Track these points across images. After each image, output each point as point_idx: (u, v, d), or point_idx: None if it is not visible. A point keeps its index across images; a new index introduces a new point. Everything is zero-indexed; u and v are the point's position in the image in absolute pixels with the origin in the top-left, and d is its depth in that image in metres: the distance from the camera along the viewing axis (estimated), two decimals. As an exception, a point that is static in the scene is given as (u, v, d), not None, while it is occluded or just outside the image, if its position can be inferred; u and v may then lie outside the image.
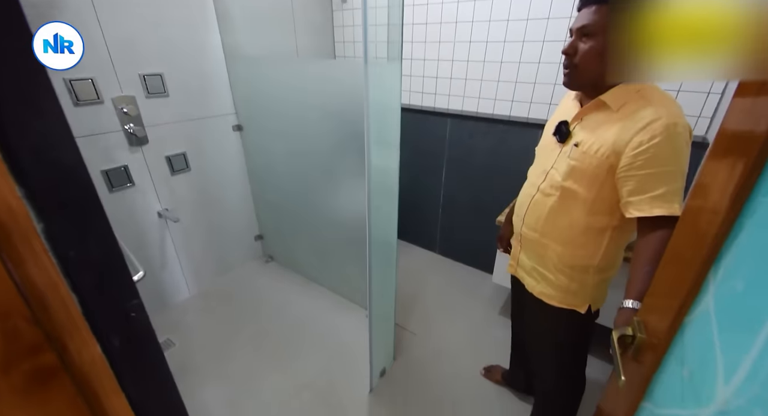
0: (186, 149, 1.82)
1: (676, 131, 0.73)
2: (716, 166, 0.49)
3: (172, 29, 1.61)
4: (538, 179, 0.96)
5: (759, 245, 0.38)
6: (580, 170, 0.84)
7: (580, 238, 0.89)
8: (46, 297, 0.29)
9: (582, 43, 0.79)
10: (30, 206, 0.27)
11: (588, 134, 0.83)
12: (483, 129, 1.96)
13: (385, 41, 1.38)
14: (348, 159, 1.64)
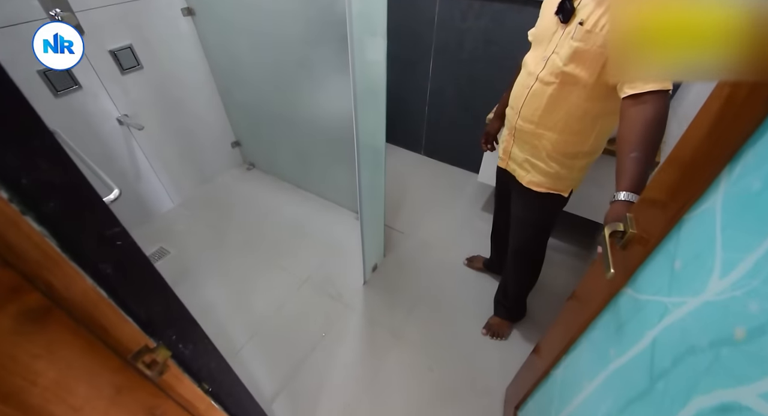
0: (131, 40, 1.54)
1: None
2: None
3: None
4: (536, 67, 0.91)
5: None
6: (583, 52, 0.79)
7: (576, 125, 0.90)
8: (6, 236, 0.24)
9: None
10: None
11: (593, 12, 0.76)
12: (476, 9, 1.71)
13: None
14: (327, 50, 1.44)
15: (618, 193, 0.75)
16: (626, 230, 0.67)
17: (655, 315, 0.51)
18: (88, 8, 1.36)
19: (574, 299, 0.91)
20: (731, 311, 0.36)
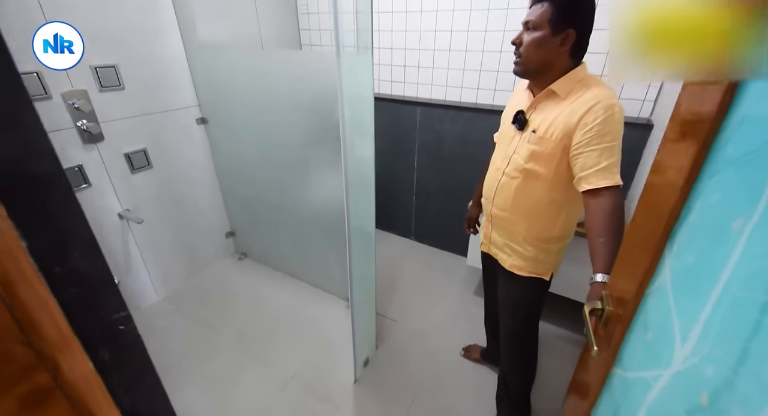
0: (146, 145, 1.72)
1: (614, 111, 0.84)
2: (671, 147, 0.54)
3: (125, 18, 1.50)
4: (502, 163, 1.05)
5: (706, 224, 0.43)
6: (539, 153, 0.94)
7: (544, 211, 1.01)
8: (35, 316, 0.28)
9: (526, 35, 0.89)
10: (14, 224, 0.26)
11: (543, 121, 0.93)
12: (451, 116, 1.99)
13: (353, 30, 1.36)
14: (321, 149, 1.62)
15: (595, 275, 0.83)
16: (604, 308, 0.70)
17: (641, 393, 0.51)
18: (113, 119, 1.56)
19: (573, 392, 0.88)
20: (695, 378, 0.39)
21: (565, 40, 0.87)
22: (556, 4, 0.85)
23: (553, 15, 0.85)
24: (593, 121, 0.84)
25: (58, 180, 0.29)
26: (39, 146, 0.28)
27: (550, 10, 0.85)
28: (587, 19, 0.88)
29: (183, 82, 1.80)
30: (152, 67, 1.65)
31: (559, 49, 0.88)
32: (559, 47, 0.87)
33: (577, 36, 0.86)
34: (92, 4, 1.39)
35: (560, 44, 0.87)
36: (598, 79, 0.91)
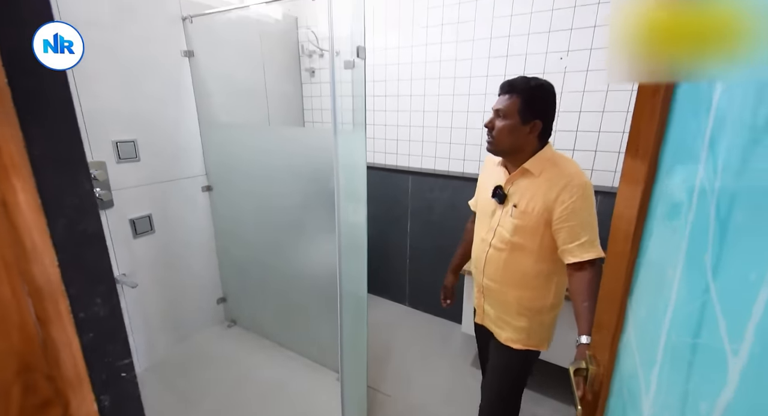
0: (152, 210, 1.81)
1: (586, 189, 0.95)
2: (620, 215, 0.62)
3: (150, 100, 1.70)
4: (487, 235, 1.11)
5: (650, 279, 0.49)
6: (522, 227, 1.01)
7: (534, 282, 1.05)
8: (61, 354, 0.32)
9: (498, 121, 1.00)
10: (61, 272, 0.32)
11: (522, 196, 1.02)
12: (441, 184, 2.14)
13: (350, 109, 1.55)
14: (316, 215, 1.72)
15: (580, 337, 0.88)
16: (588, 368, 0.72)
17: (624, 453, 0.52)
18: (125, 187, 1.67)
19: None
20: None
21: (533, 128, 0.98)
22: (524, 98, 0.96)
23: (522, 107, 0.96)
24: (569, 198, 0.93)
25: (99, 237, 0.36)
26: (89, 208, 0.35)
27: (519, 102, 0.96)
28: (551, 110, 1.00)
29: (194, 155, 1.97)
30: (168, 141, 1.82)
31: (528, 135, 0.99)
32: (528, 134, 0.99)
33: (543, 124, 0.99)
34: (121, 88, 1.59)
35: (529, 132, 0.98)
36: (564, 156, 1.03)
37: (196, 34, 1.82)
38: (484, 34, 1.82)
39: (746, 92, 0.29)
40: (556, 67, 1.66)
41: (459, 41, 1.90)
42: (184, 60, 1.83)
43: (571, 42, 1.61)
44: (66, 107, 0.33)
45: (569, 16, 1.58)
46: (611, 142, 1.62)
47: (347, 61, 1.40)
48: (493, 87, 1.86)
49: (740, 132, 0.30)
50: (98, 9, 1.46)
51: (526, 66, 1.74)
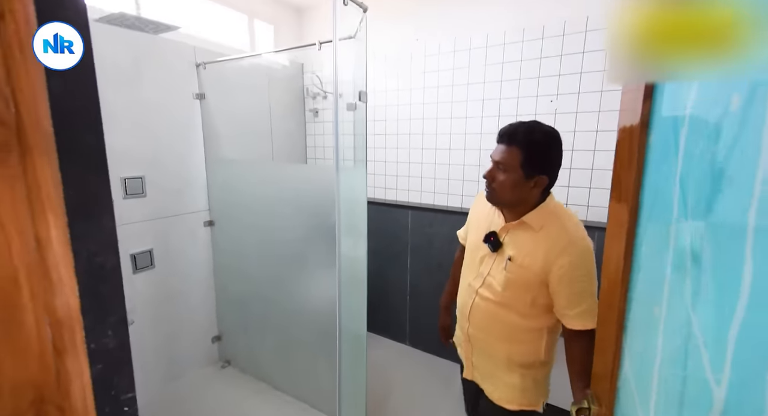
0: (153, 245, 1.83)
1: (588, 253, 0.89)
2: (607, 261, 0.64)
3: (160, 138, 1.78)
4: (475, 282, 1.04)
5: (641, 316, 0.50)
6: (516, 282, 0.94)
7: (524, 336, 0.99)
8: (72, 385, 0.33)
9: (498, 173, 0.93)
10: (80, 303, 0.34)
11: (519, 250, 0.94)
12: (440, 219, 2.17)
13: (351, 147, 1.62)
14: (317, 249, 1.73)
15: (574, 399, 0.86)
16: (590, 407, 0.71)
17: None
18: (128, 223, 1.70)
19: None
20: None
21: (537, 183, 0.90)
22: (527, 151, 0.88)
23: (524, 161, 0.88)
24: (570, 262, 0.86)
25: (116, 270, 0.38)
26: (111, 244, 0.38)
27: (521, 155, 0.88)
28: (557, 162, 0.92)
29: (198, 190, 2.02)
30: (174, 177, 1.88)
31: (531, 190, 0.92)
32: (532, 189, 0.91)
33: (548, 178, 0.91)
34: (134, 127, 1.67)
35: (533, 187, 0.91)
36: (565, 209, 0.97)
37: (208, 79, 1.93)
38: (477, 78, 1.94)
39: (707, 134, 0.33)
40: (547, 109, 1.76)
41: (455, 85, 2.02)
42: (196, 102, 1.93)
43: (559, 86, 1.71)
44: (99, 153, 0.36)
45: (556, 63, 1.70)
46: (605, 179, 1.67)
47: (350, 104, 1.49)
48: (488, 126, 1.95)
49: (705, 172, 0.33)
50: (121, 55, 1.57)
51: (519, 108, 1.84)
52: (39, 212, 0.31)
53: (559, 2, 1.68)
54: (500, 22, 1.84)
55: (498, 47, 1.85)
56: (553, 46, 1.70)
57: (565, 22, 1.67)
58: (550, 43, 1.71)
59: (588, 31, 1.62)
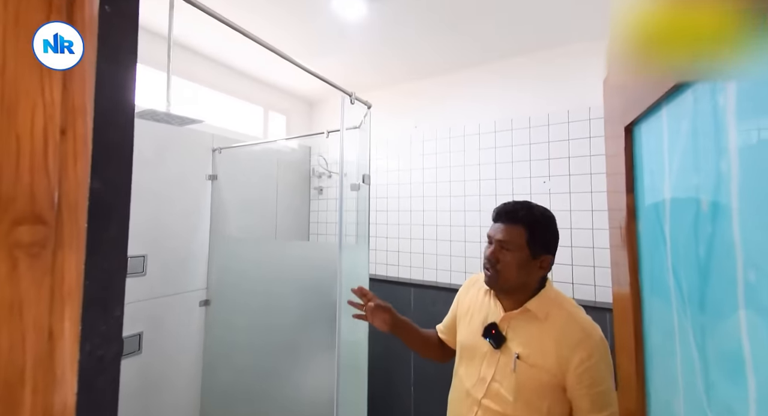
0: (144, 328, 1.75)
1: (605, 346, 0.82)
2: (620, 350, 0.62)
3: (169, 217, 1.84)
4: (475, 389, 0.90)
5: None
6: (528, 387, 0.82)
7: None
8: None
9: (503, 253, 0.87)
10: (77, 400, 0.33)
11: (527, 345, 0.84)
12: (444, 297, 2.11)
13: (354, 223, 1.66)
14: (315, 332, 1.65)
15: None
16: None
17: None
18: (126, 303, 1.65)
19: None
20: None
21: (543, 263, 0.87)
22: (531, 230, 0.86)
23: (530, 239, 0.85)
24: (589, 358, 0.79)
25: (115, 363, 0.38)
26: (114, 336, 0.38)
27: (526, 233, 0.85)
28: (555, 242, 0.90)
29: (199, 268, 2.01)
30: (177, 255, 1.89)
31: (537, 271, 0.87)
32: (538, 269, 0.87)
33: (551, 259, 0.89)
34: (145, 206, 1.73)
35: (539, 267, 0.87)
36: (566, 296, 0.92)
37: (221, 162, 2.08)
38: (473, 161, 2.08)
39: (686, 231, 0.36)
40: (541, 189, 1.85)
41: (452, 166, 2.16)
42: (208, 182, 2.05)
43: (550, 169, 1.83)
44: (122, 244, 0.39)
45: (545, 149, 1.85)
46: (607, 257, 1.68)
47: (353, 184, 1.58)
48: (486, 204, 2.03)
49: (691, 264, 0.35)
50: (145, 142, 1.70)
51: (514, 187, 1.94)
52: (58, 304, 0.32)
53: (542, 99, 1.90)
54: (490, 113, 2.05)
55: (490, 134, 2.03)
56: (540, 134, 1.87)
57: (549, 114, 1.85)
58: (536, 131, 1.88)
59: (570, 121, 1.79)
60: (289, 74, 2.37)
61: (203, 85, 2.11)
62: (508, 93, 2.02)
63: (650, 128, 0.43)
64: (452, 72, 2.22)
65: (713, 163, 0.30)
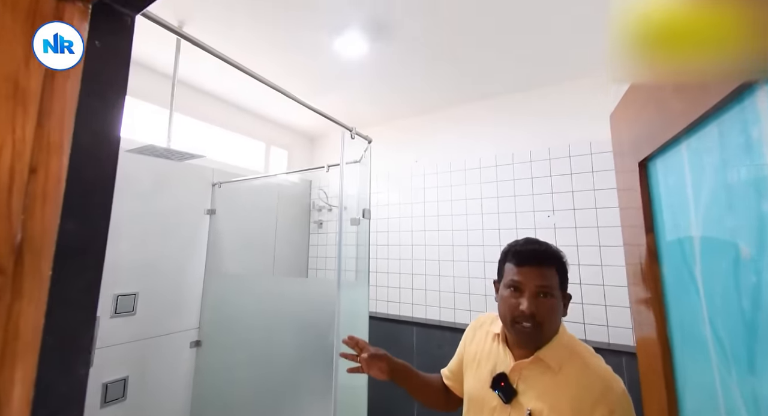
0: (130, 372, 1.63)
1: (627, 399, 0.73)
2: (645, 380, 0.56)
3: (164, 252, 1.79)
4: None
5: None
6: None
7: None
8: None
9: (541, 303, 0.76)
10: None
11: (540, 399, 0.76)
12: (449, 338, 2.01)
13: (354, 257, 1.61)
14: (311, 375, 1.55)
15: None
16: None
17: None
18: (110, 345, 1.55)
19: None
20: None
21: (566, 305, 0.81)
22: (562, 270, 0.79)
23: (561, 283, 0.79)
24: (610, 414, 0.70)
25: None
26: (76, 398, 0.33)
27: (557, 277, 0.78)
28: None
29: (191, 307, 1.93)
30: (169, 293, 1.81)
31: (561, 315, 0.80)
32: (562, 313, 0.80)
33: None
34: (140, 241, 1.68)
35: (563, 310, 0.81)
36: (580, 341, 0.83)
37: (221, 196, 2.06)
38: (475, 194, 2.06)
39: (724, 279, 0.32)
40: (545, 223, 1.82)
41: (453, 200, 2.14)
42: (206, 217, 2.02)
43: (554, 203, 1.81)
44: (92, 296, 0.35)
45: (547, 183, 1.84)
46: (618, 296, 1.61)
47: (354, 219, 1.55)
48: (490, 239, 1.98)
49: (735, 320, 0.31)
50: (144, 177, 1.70)
51: (518, 221, 1.91)
52: (9, 364, 0.28)
53: (543, 133, 1.92)
54: (490, 147, 2.07)
55: (491, 168, 2.03)
56: (542, 167, 1.87)
57: (549, 149, 1.86)
58: (538, 165, 1.88)
59: (572, 156, 1.79)
60: (290, 110, 2.42)
61: (206, 122, 2.15)
62: (507, 128, 2.05)
63: (668, 163, 0.40)
64: (451, 107, 2.27)
65: (753, 203, 0.26)
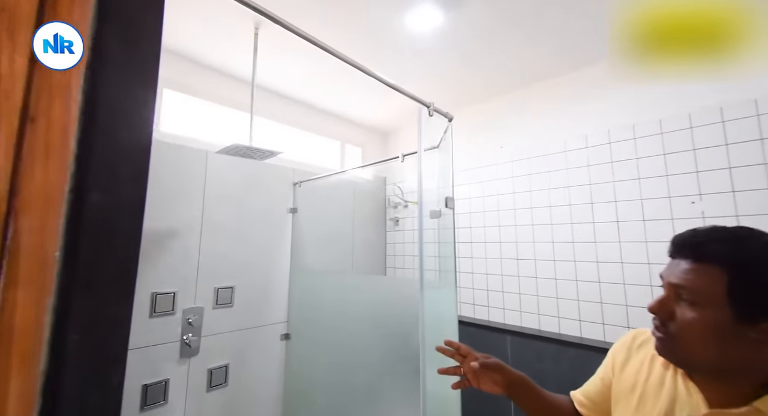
0: (230, 360, 1.74)
1: None
2: None
3: (254, 249, 1.88)
4: None
5: None
6: None
7: None
8: None
9: (680, 308, 0.55)
10: None
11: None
12: (552, 352, 1.72)
13: (435, 256, 1.46)
14: (397, 378, 1.44)
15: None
16: None
17: None
18: (213, 334, 1.68)
19: None
20: None
21: (764, 333, 0.49)
22: (737, 275, 0.50)
23: (733, 290, 0.50)
24: None
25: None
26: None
27: (726, 279, 0.51)
28: None
29: (280, 302, 2.00)
30: (260, 287, 1.90)
31: (754, 347, 0.50)
32: (757, 345, 0.50)
33: None
34: (233, 238, 1.79)
35: (756, 340, 0.49)
36: None
37: (301, 195, 2.11)
38: (580, 180, 1.75)
39: None
40: (688, 211, 1.42)
41: (551, 189, 1.85)
42: (289, 215, 2.08)
43: (700, 184, 1.41)
44: (125, 283, 0.27)
45: (689, 159, 1.45)
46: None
47: (433, 211, 1.41)
48: (604, 233, 1.65)
49: None
50: (229, 177, 1.80)
51: (645, 211, 1.55)
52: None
53: (657, 103, 1.53)
54: (595, 123, 1.73)
55: (601, 147, 1.70)
56: (678, 139, 1.49)
57: (690, 114, 1.48)
58: (670, 138, 1.50)
59: (725, 121, 1.39)
60: (363, 107, 2.38)
61: (284, 123, 2.23)
62: (624, 97, 1.69)
63: None
64: (541, 81, 1.98)
65: None
